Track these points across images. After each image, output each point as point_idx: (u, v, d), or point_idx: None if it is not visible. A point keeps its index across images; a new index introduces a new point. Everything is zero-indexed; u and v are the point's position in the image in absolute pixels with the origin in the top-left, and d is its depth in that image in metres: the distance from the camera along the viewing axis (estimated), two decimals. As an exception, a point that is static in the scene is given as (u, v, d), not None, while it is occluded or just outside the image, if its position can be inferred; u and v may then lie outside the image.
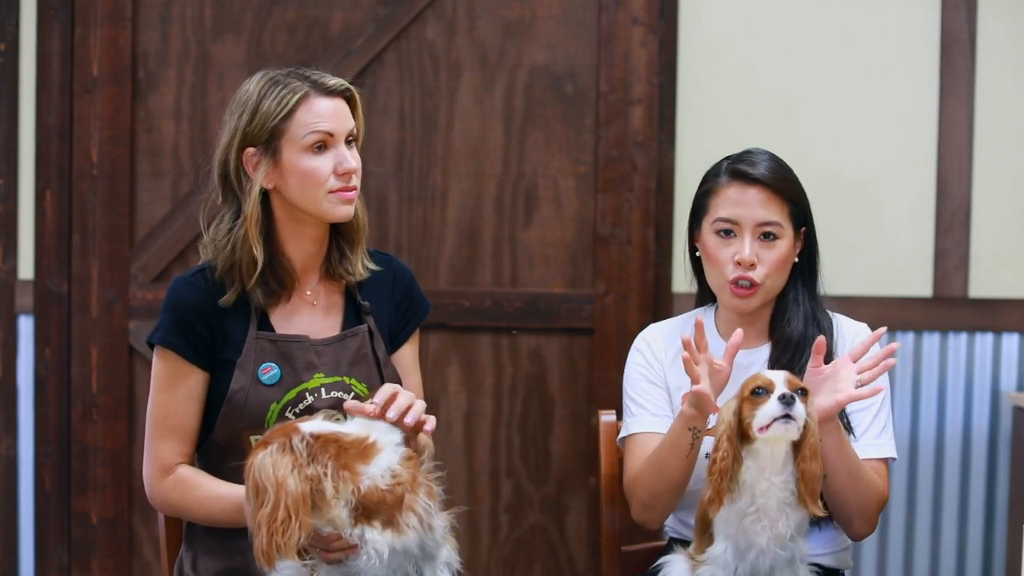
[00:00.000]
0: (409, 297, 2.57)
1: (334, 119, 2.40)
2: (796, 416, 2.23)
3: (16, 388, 3.86)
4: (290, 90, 2.38)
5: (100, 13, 3.75)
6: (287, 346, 2.42)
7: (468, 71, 3.78)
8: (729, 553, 2.28)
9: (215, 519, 2.41)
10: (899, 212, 3.76)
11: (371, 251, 2.57)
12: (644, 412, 2.56)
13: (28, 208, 3.83)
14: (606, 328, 3.75)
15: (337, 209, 2.41)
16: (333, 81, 2.42)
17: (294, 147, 2.38)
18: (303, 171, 2.38)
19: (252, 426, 2.40)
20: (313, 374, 2.41)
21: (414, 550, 2.18)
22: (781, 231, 2.46)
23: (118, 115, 3.77)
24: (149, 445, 2.45)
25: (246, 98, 2.41)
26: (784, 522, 2.26)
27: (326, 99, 2.40)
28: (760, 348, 2.53)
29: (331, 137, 2.39)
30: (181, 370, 2.41)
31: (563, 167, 3.76)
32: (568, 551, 3.83)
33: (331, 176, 2.38)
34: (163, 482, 2.43)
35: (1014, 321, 3.74)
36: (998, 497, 3.76)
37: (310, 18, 3.77)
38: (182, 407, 2.42)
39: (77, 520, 3.80)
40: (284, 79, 2.41)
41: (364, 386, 2.45)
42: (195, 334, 2.40)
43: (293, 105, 2.37)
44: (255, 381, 2.40)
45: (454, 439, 3.80)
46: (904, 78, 3.74)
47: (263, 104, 2.38)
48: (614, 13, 3.72)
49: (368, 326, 2.48)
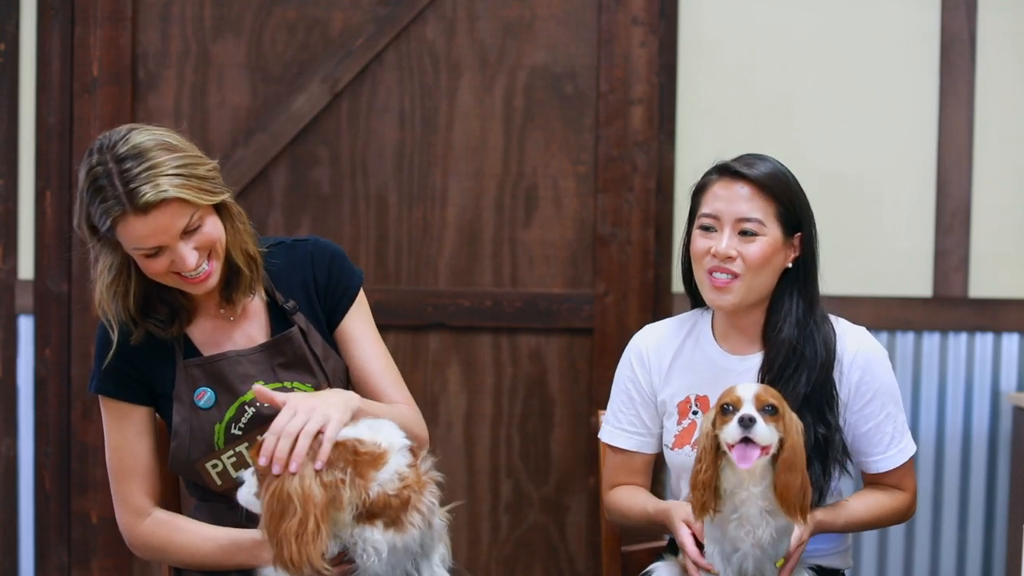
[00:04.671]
0: (335, 273, 2.51)
1: (153, 237, 2.25)
2: (757, 438, 2.22)
3: (16, 388, 3.86)
4: (107, 207, 2.23)
5: (100, 13, 3.75)
6: (215, 366, 2.40)
7: (468, 71, 3.78)
8: (716, 556, 2.29)
9: (201, 561, 2.39)
10: (899, 212, 3.76)
11: (291, 242, 2.52)
12: (617, 424, 2.63)
13: (28, 208, 3.83)
14: (606, 328, 3.75)
15: (189, 289, 2.35)
16: (146, 197, 2.21)
17: (128, 248, 2.29)
18: (143, 267, 2.32)
19: (204, 453, 2.40)
20: (251, 384, 2.37)
21: (415, 547, 2.19)
22: (762, 228, 2.43)
23: (118, 115, 3.76)
24: (115, 491, 2.44)
25: (81, 188, 2.29)
26: (765, 529, 2.26)
27: (142, 218, 2.23)
28: (753, 355, 2.52)
29: (160, 247, 2.27)
30: (123, 410, 2.42)
31: (563, 167, 3.76)
32: (568, 551, 3.83)
33: (171, 269, 2.30)
34: (140, 525, 2.43)
35: (1014, 321, 3.74)
36: (998, 497, 3.76)
37: (310, 18, 3.77)
38: (134, 445, 2.42)
39: (77, 520, 3.80)
40: (107, 181, 2.23)
41: (309, 386, 2.43)
42: (124, 375, 2.40)
43: (111, 224, 2.24)
44: (193, 408, 2.39)
45: (454, 439, 3.80)
46: (904, 78, 3.74)
47: (91, 209, 2.27)
48: (614, 13, 3.72)
49: (299, 326, 2.45)
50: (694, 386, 2.53)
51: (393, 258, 3.79)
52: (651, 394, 2.58)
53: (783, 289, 2.49)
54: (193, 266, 2.28)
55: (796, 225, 2.48)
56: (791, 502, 2.24)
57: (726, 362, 2.52)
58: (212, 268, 2.32)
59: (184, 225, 2.26)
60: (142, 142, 2.25)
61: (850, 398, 2.47)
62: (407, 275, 3.78)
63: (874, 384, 2.49)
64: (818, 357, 2.44)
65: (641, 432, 2.59)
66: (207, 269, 2.31)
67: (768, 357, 2.48)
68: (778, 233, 2.45)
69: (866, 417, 2.48)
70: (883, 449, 2.49)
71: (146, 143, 2.25)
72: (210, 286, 2.34)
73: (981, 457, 3.77)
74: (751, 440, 2.21)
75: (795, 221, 2.47)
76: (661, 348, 2.59)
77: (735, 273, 2.43)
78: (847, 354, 2.49)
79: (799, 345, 2.45)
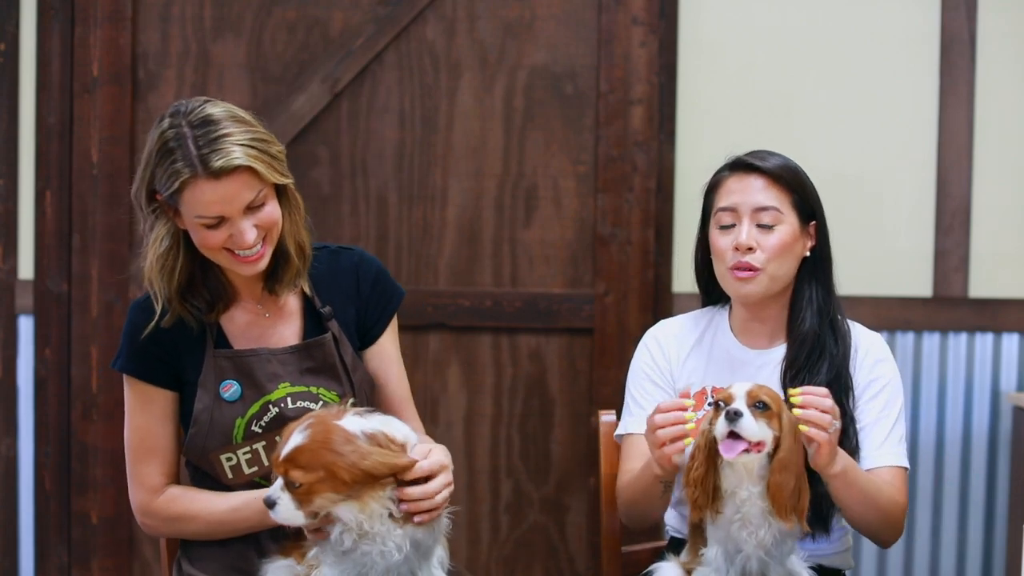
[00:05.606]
0: (379, 288, 2.52)
1: (220, 205, 2.25)
2: (742, 431, 2.21)
3: (16, 388, 3.86)
4: (178, 168, 2.24)
5: (100, 13, 3.75)
6: (245, 361, 2.40)
7: (468, 71, 3.78)
8: (720, 557, 2.29)
9: (215, 525, 2.40)
10: (899, 212, 3.76)
11: (336, 248, 2.53)
12: (642, 414, 2.56)
13: (28, 208, 3.83)
14: (606, 328, 3.75)
15: (238, 268, 2.35)
16: (221, 161, 2.23)
17: (188, 217, 2.29)
18: (198, 239, 2.31)
19: (220, 445, 2.39)
20: (278, 384, 2.38)
21: (425, 545, 2.19)
22: (780, 217, 2.45)
23: (118, 115, 3.76)
24: (132, 470, 2.44)
25: (150, 149, 2.29)
26: (767, 530, 2.26)
27: (213, 183, 2.24)
28: (774, 349, 2.52)
29: (222, 218, 2.27)
30: (148, 392, 2.41)
31: (563, 167, 3.76)
32: (568, 551, 3.83)
33: (227, 243, 2.29)
34: (155, 501, 2.42)
35: (1014, 321, 3.74)
36: (998, 497, 3.76)
37: (310, 18, 3.77)
38: (158, 428, 2.42)
39: (77, 520, 3.80)
40: (182, 143, 2.24)
41: (334, 394, 2.42)
42: (153, 358, 2.39)
43: (179, 187, 2.25)
44: (217, 399, 2.38)
45: (454, 439, 3.80)
46: (904, 78, 3.74)
47: (158, 170, 2.27)
48: (614, 13, 3.72)
49: (332, 333, 2.45)
50: (711, 377, 2.53)
51: (393, 258, 3.78)
52: (670, 380, 2.57)
53: (802, 279, 2.51)
54: (251, 243, 2.28)
55: (811, 214, 2.50)
56: (783, 503, 2.23)
57: (744, 355, 2.52)
58: (265, 251, 2.32)
59: (250, 199, 2.27)
60: (218, 112, 2.27)
61: (858, 391, 2.48)
62: (407, 275, 3.78)
63: (882, 382, 2.50)
64: (839, 346, 2.47)
65: None
66: (260, 251, 2.31)
67: (793, 349, 2.48)
68: (795, 221, 2.47)
69: (865, 413, 2.48)
70: (874, 448, 2.48)
71: (221, 114, 2.27)
72: (259, 268, 2.34)
73: (981, 457, 3.77)
74: (738, 435, 2.21)
75: (809, 210, 2.50)
76: (679, 338, 2.59)
77: (757, 268, 2.44)
78: (860, 349, 2.51)
79: (822, 334, 2.46)
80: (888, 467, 2.47)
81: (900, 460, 2.49)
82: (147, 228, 2.35)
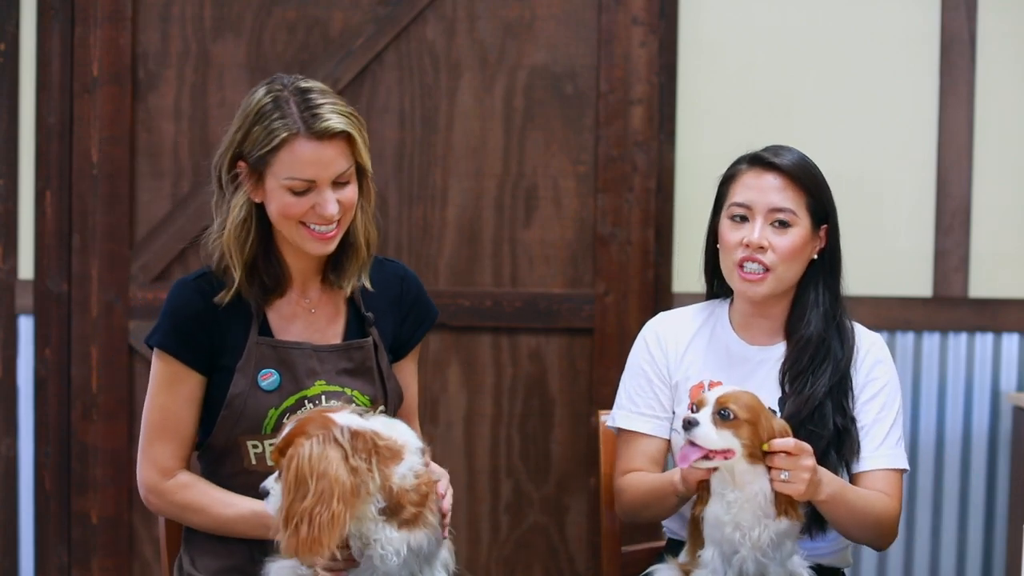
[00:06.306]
0: (418, 306, 2.55)
1: (316, 167, 2.29)
2: (699, 441, 2.21)
3: (16, 388, 3.86)
4: (280, 125, 2.28)
5: (100, 13, 3.75)
6: (288, 352, 2.40)
7: (468, 71, 3.78)
8: (716, 558, 2.30)
9: (220, 525, 2.40)
10: (899, 212, 3.76)
11: (383, 259, 2.55)
12: (634, 408, 2.58)
13: (28, 208, 3.83)
14: (606, 328, 3.75)
15: (309, 245, 2.36)
16: (326, 123, 2.28)
17: (276, 180, 2.31)
18: (279, 205, 2.32)
19: (250, 431, 2.39)
20: (315, 381, 2.39)
21: (425, 548, 2.18)
22: (795, 219, 2.45)
23: (118, 115, 3.76)
24: (145, 447, 2.44)
25: (247, 111, 2.34)
26: (761, 532, 2.26)
27: (314, 144, 2.28)
28: (774, 346, 2.52)
29: (312, 183, 2.30)
30: (180, 373, 2.40)
31: (563, 167, 3.76)
32: (568, 551, 3.83)
33: (306, 215, 2.31)
34: (164, 483, 2.42)
35: (1014, 321, 3.74)
36: (998, 497, 3.76)
37: (310, 18, 3.77)
38: (181, 410, 2.41)
39: (77, 520, 3.80)
40: (283, 104, 2.30)
41: (366, 398, 2.43)
42: (193, 339, 2.39)
43: (278, 144, 2.28)
44: (254, 386, 2.38)
45: (454, 439, 3.80)
46: (904, 78, 3.74)
47: (255, 129, 2.31)
48: (614, 13, 3.72)
49: (373, 338, 2.46)
50: (708, 371, 2.53)
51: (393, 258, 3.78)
52: (667, 376, 2.56)
53: (808, 281, 2.50)
54: (333, 216, 2.31)
55: (823, 216, 2.50)
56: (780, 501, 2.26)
57: (744, 351, 2.52)
58: (337, 232, 2.35)
59: (342, 171, 2.31)
60: (317, 86, 2.35)
61: (856, 391, 2.48)
62: (407, 275, 3.78)
63: (880, 384, 2.50)
64: (844, 349, 2.47)
65: (659, 415, 2.56)
66: (334, 230, 2.34)
67: (794, 350, 2.48)
68: (808, 223, 2.47)
69: (863, 414, 2.48)
70: (871, 450, 2.48)
71: (320, 87, 2.35)
72: (329, 249, 2.36)
73: (981, 457, 3.77)
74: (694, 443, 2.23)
75: (823, 212, 2.50)
76: (677, 331, 2.59)
77: (767, 266, 2.43)
78: (861, 350, 2.51)
79: (827, 337, 2.46)
80: (884, 470, 2.47)
81: (897, 462, 2.49)
82: (221, 200, 2.38)
